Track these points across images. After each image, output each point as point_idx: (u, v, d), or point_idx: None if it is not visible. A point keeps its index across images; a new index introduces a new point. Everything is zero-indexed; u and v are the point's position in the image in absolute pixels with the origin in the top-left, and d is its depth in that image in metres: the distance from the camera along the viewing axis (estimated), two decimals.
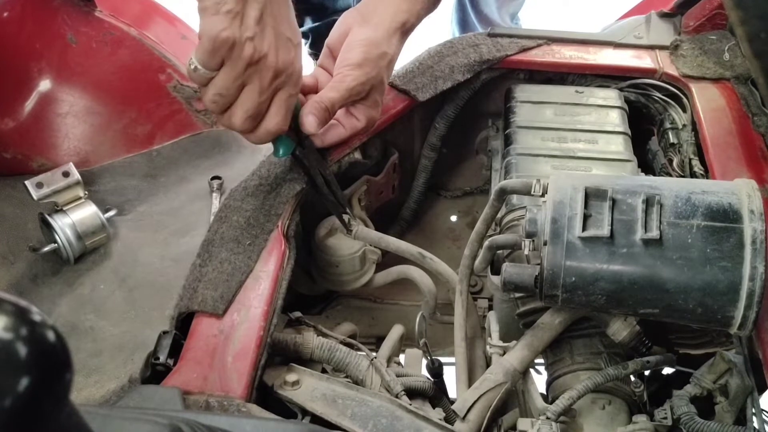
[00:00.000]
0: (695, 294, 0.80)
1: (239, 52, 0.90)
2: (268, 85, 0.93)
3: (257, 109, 0.95)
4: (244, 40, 0.89)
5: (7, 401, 0.34)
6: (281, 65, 0.93)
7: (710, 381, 0.90)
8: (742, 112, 1.18)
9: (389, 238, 1.14)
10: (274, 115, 0.97)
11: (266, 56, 0.91)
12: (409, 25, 1.10)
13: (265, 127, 0.97)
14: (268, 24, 0.92)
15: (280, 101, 0.96)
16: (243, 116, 0.95)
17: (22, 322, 0.36)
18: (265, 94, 0.94)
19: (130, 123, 1.37)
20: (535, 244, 0.89)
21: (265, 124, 0.97)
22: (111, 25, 1.34)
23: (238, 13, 0.89)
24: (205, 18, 0.89)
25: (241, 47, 0.89)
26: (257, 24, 0.90)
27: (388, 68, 1.10)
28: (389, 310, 1.27)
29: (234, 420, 0.73)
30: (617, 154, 1.13)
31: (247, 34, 0.89)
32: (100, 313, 1.10)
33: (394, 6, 1.09)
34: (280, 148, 1.04)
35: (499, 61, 1.26)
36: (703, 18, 1.32)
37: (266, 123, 0.97)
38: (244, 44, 0.89)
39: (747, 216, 0.80)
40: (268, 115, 0.97)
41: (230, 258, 0.99)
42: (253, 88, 0.93)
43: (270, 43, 0.92)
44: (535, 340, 0.95)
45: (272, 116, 0.97)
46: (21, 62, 1.29)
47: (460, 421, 0.91)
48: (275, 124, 0.97)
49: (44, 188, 1.15)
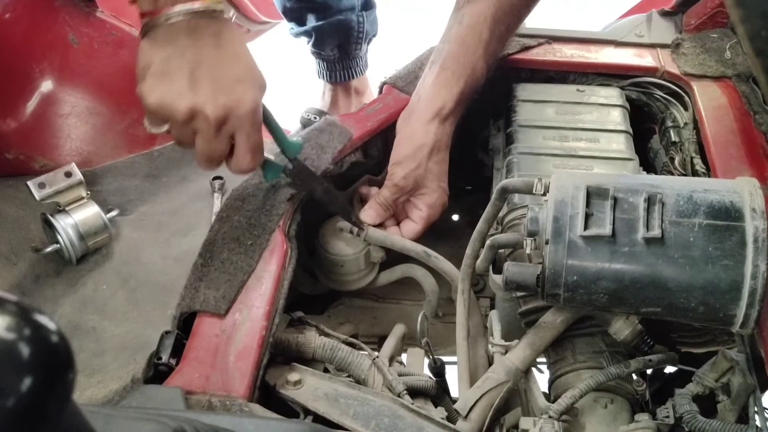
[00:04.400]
0: (697, 293, 0.80)
1: (170, 114, 0.90)
2: (215, 133, 0.92)
3: (211, 154, 0.95)
4: (170, 101, 0.89)
5: (10, 401, 0.34)
6: (220, 114, 0.91)
7: (712, 379, 0.90)
8: (743, 111, 1.18)
9: (394, 237, 1.15)
10: (241, 158, 0.97)
11: (200, 110, 0.90)
12: (446, 110, 1.15)
13: (235, 164, 0.98)
14: (204, 73, 0.90)
15: (240, 142, 0.96)
16: (202, 160, 0.96)
17: (25, 322, 0.36)
18: (215, 141, 0.93)
19: (132, 123, 1.37)
20: (537, 243, 0.89)
21: (235, 162, 0.97)
22: (112, 26, 1.34)
23: (164, 74, 0.89)
24: (137, 84, 0.91)
25: (169, 109, 0.90)
26: (189, 78, 0.89)
27: (431, 157, 1.15)
28: (391, 310, 1.27)
29: (236, 420, 0.73)
30: (619, 153, 1.13)
31: (173, 93, 0.89)
32: (103, 314, 1.10)
33: (429, 97, 1.16)
34: (267, 173, 1.05)
35: (500, 60, 1.26)
36: (705, 16, 1.32)
37: (235, 161, 0.97)
38: (171, 105, 0.89)
39: (749, 214, 0.80)
40: (236, 156, 0.97)
41: (232, 258, 1.00)
42: (201, 138, 0.93)
43: (204, 95, 0.90)
44: (537, 339, 0.95)
45: (239, 158, 0.97)
46: (23, 63, 1.29)
47: (462, 420, 0.91)
48: (245, 163, 0.98)
49: (46, 189, 1.15)
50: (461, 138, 1.21)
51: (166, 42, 0.89)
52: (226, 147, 0.95)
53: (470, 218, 1.40)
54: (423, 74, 1.21)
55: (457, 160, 1.21)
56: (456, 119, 1.18)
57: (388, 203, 1.15)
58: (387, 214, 1.17)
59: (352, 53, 1.99)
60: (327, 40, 1.93)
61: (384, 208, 1.15)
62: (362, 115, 1.23)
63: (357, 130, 1.20)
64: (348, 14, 1.92)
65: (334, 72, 2.02)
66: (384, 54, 2.16)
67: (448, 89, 1.15)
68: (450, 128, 1.17)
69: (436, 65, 1.17)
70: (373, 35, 2.03)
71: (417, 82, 1.21)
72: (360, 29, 1.96)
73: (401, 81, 1.26)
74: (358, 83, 2.06)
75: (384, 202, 1.15)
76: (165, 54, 0.89)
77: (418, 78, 1.22)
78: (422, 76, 1.20)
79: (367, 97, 2.03)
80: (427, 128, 1.15)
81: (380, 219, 1.16)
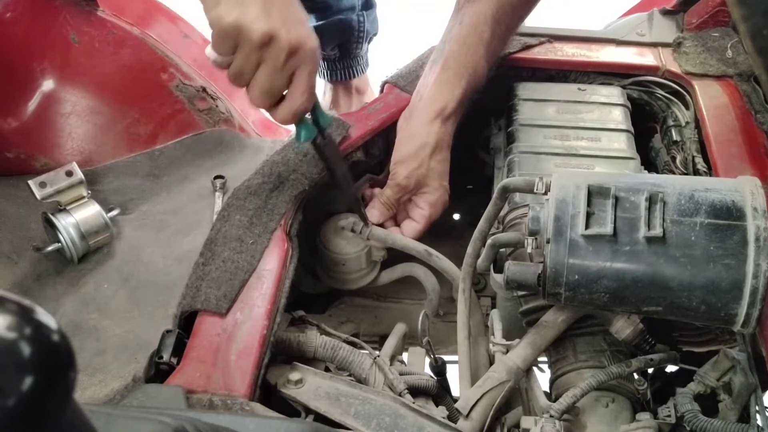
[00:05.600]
0: (698, 292, 0.80)
1: (246, 36, 0.90)
2: (283, 63, 0.93)
3: (272, 88, 0.95)
4: (249, 22, 0.90)
5: (11, 400, 0.34)
6: (294, 43, 0.93)
7: (714, 379, 0.90)
8: (745, 110, 1.18)
9: (395, 236, 1.15)
10: (296, 94, 0.97)
11: (276, 35, 0.91)
12: (448, 110, 1.16)
13: (288, 105, 0.98)
14: (275, 4, 0.92)
15: (300, 79, 0.96)
16: (259, 94, 0.96)
17: (26, 321, 0.36)
18: (280, 72, 0.94)
19: (133, 122, 1.37)
20: (538, 242, 0.89)
21: (288, 103, 0.98)
22: (113, 25, 1.34)
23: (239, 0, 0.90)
24: (209, 11, 0.91)
25: (247, 31, 0.90)
26: (263, 6, 0.90)
27: (433, 156, 1.15)
28: (392, 309, 1.27)
29: (237, 419, 0.73)
30: (620, 152, 1.13)
31: (251, 16, 0.90)
32: (104, 313, 1.10)
33: (431, 96, 1.16)
34: (302, 132, 1.04)
35: (501, 59, 1.25)
36: (706, 15, 1.32)
37: (289, 102, 0.98)
38: (250, 27, 0.90)
39: (750, 213, 0.80)
40: (291, 94, 0.97)
41: (233, 257, 1.00)
42: (267, 67, 0.93)
43: (279, 22, 0.91)
44: (538, 339, 0.95)
45: (295, 95, 0.97)
46: (24, 62, 1.29)
47: (463, 420, 0.91)
48: (299, 103, 0.97)
49: (47, 188, 1.15)
50: (462, 137, 1.21)
51: None
52: (287, 82, 0.96)
53: (471, 217, 1.40)
54: (423, 73, 1.21)
55: (458, 160, 1.21)
56: (457, 119, 1.18)
57: (391, 202, 1.16)
58: (390, 213, 1.17)
59: (353, 52, 1.99)
60: (328, 39, 1.93)
61: (387, 207, 1.16)
62: (363, 114, 1.23)
63: (358, 129, 1.20)
64: (348, 14, 1.92)
65: (335, 71, 2.02)
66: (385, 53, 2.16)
67: (450, 89, 1.15)
68: (451, 128, 1.17)
69: (437, 65, 1.17)
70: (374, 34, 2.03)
71: (418, 81, 1.21)
72: (361, 28, 1.96)
73: (402, 80, 1.25)
74: (359, 82, 2.06)
75: (387, 201, 1.16)
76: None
77: (419, 77, 1.22)
78: (423, 76, 1.20)
79: (368, 96, 2.03)
80: (429, 128, 1.15)
81: (384, 218, 1.16)
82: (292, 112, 0.98)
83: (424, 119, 1.15)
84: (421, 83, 1.20)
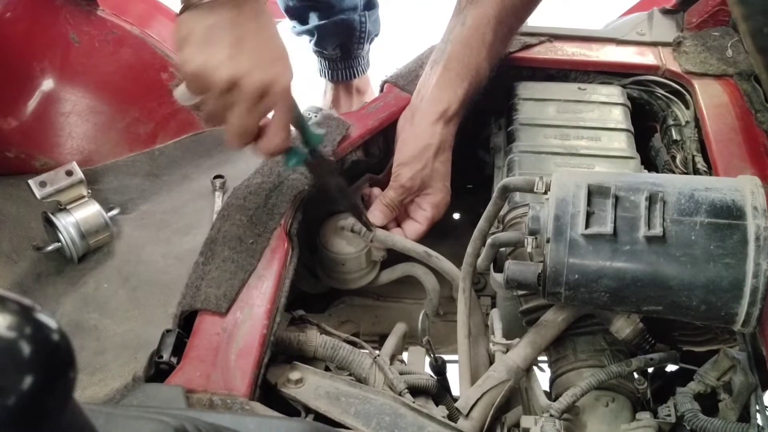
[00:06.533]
0: (699, 291, 0.80)
1: (211, 82, 0.89)
2: (252, 105, 0.91)
3: (245, 129, 0.94)
4: (213, 68, 0.88)
5: (11, 400, 0.34)
6: (264, 84, 0.90)
7: (714, 378, 0.90)
8: (745, 109, 1.18)
9: (395, 237, 1.14)
10: (273, 136, 0.96)
11: (242, 80, 0.89)
12: (451, 112, 1.15)
13: (265, 143, 0.96)
14: (246, 46, 0.89)
15: (275, 122, 0.95)
16: (232, 137, 0.95)
17: (26, 320, 0.36)
18: (251, 114, 0.92)
19: (133, 122, 1.37)
20: (538, 242, 0.89)
21: (264, 141, 0.96)
22: (113, 24, 1.34)
23: (207, 42, 0.88)
24: (177, 51, 0.90)
25: (211, 76, 0.88)
26: (231, 48, 0.89)
27: (436, 157, 1.15)
28: (392, 308, 1.27)
29: (237, 418, 0.73)
30: (620, 151, 1.13)
31: (216, 60, 0.88)
32: (104, 312, 1.10)
33: (434, 97, 1.16)
34: (290, 159, 1.03)
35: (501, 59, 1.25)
36: (706, 14, 1.32)
37: (265, 140, 0.96)
38: (214, 73, 0.88)
39: (750, 213, 0.80)
40: (267, 136, 0.96)
41: (233, 256, 0.99)
42: (237, 110, 0.91)
43: (247, 65, 0.89)
44: (538, 338, 0.95)
45: (271, 137, 0.96)
46: (23, 62, 1.29)
47: (463, 419, 0.91)
48: (275, 142, 0.96)
49: (47, 187, 1.15)
50: (462, 136, 1.21)
51: (210, 13, 0.88)
52: (258, 124, 0.95)
53: (471, 217, 1.40)
54: (424, 73, 1.20)
55: (458, 159, 1.21)
56: (459, 120, 1.18)
57: (394, 204, 1.15)
58: (393, 215, 1.16)
59: (354, 52, 2.00)
60: (329, 39, 1.94)
61: (390, 209, 1.15)
62: (363, 113, 1.23)
63: (358, 128, 1.19)
64: (350, 14, 1.92)
65: (336, 71, 2.02)
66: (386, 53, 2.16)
67: (453, 90, 1.15)
68: (454, 129, 1.17)
69: (438, 65, 1.17)
70: (375, 35, 2.04)
71: (417, 80, 1.21)
72: (362, 29, 1.96)
73: (402, 80, 1.25)
74: (360, 82, 2.06)
75: (390, 203, 1.15)
76: (208, 23, 0.88)
77: (419, 77, 1.22)
78: (423, 75, 1.20)
79: (369, 97, 2.03)
80: (432, 129, 1.15)
81: (387, 220, 1.15)
82: (270, 150, 0.97)
83: (427, 120, 1.15)
84: (421, 83, 1.20)
